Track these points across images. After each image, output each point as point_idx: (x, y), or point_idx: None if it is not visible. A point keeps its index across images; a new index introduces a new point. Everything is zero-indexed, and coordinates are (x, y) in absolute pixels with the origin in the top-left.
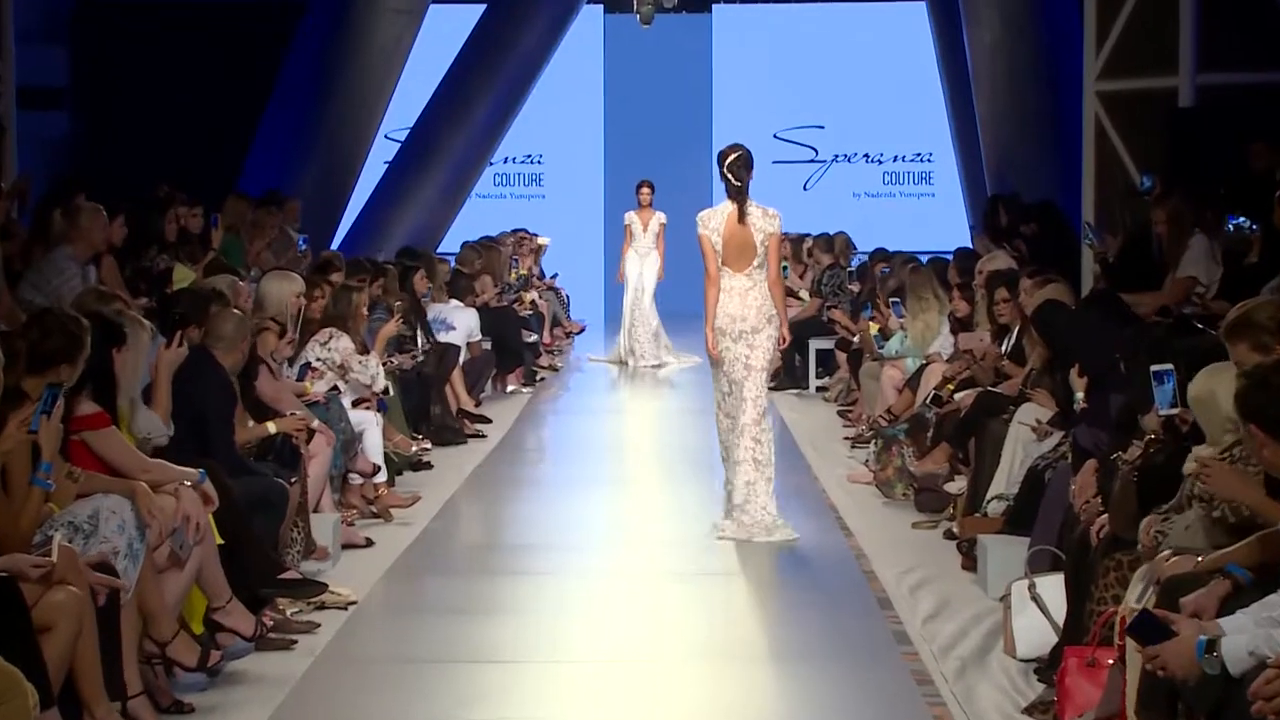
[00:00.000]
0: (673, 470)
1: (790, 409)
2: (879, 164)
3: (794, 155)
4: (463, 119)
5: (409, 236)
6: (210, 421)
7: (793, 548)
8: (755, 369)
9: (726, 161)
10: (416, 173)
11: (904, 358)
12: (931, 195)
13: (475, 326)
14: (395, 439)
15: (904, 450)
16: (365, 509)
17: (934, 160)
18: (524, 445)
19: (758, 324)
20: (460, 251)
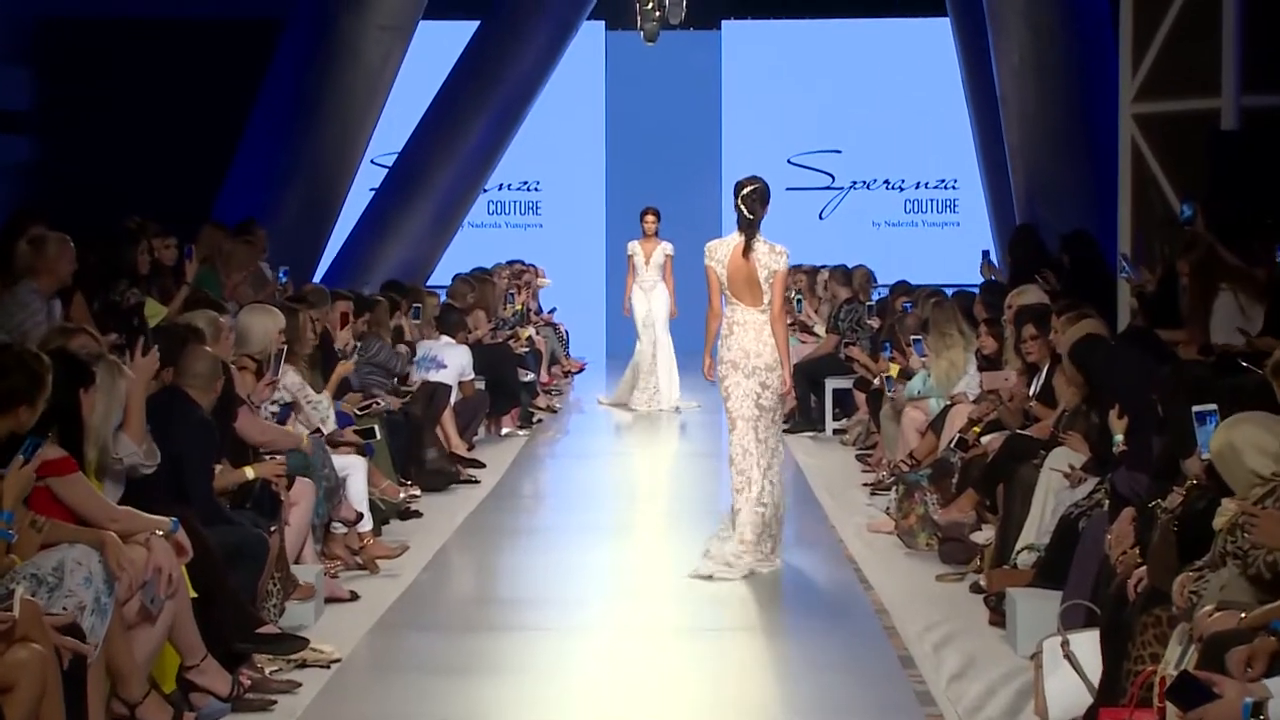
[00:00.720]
0: (680, 518)
1: (806, 453)
2: (900, 191)
3: (809, 181)
4: (455, 143)
5: (397, 268)
6: (187, 465)
7: (810, 604)
8: (766, 409)
9: (742, 193)
10: (405, 200)
11: (927, 398)
12: (956, 225)
13: (468, 365)
14: (382, 485)
15: (927, 497)
16: (349, 560)
17: (959, 187)
18: (520, 491)
19: (772, 362)
20: (452, 284)
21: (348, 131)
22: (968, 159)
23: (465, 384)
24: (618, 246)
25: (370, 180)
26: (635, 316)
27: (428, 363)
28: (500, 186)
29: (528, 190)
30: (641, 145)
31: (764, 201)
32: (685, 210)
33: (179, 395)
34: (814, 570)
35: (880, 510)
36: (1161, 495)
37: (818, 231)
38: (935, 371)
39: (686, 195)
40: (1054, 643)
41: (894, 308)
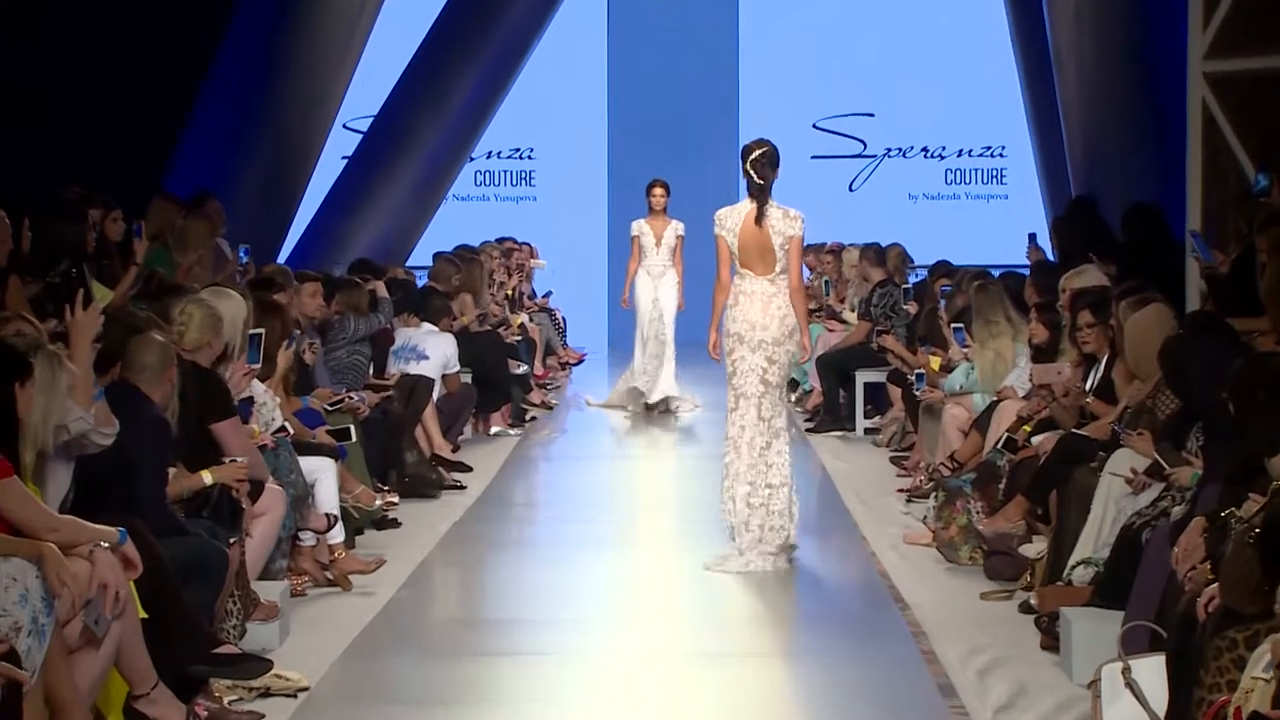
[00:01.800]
0: (691, 529)
1: (833, 455)
2: (940, 159)
3: (837, 149)
4: (438, 105)
5: (372, 246)
6: (138, 469)
7: (838, 626)
8: (772, 385)
9: (750, 157)
10: (381, 170)
11: (970, 394)
12: (1004, 197)
13: (452, 355)
14: (355, 490)
15: (970, 505)
16: (319, 575)
17: (1007, 155)
18: (511, 498)
19: (780, 335)
20: (434, 265)
21: (317, 91)
22: (1017, 123)
23: (450, 377)
24: (620, 222)
25: (342, 147)
26: (638, 308)
27: (407, 353)
28: (489, 154)
29: (520, 158)
30: (648, 108)
31: (774, 165)
32: (697, 183)
33: (128, 390)
34: (842, 587)
35: (917, 520)
36: (1236, 502)
37: (847, 205)
38: (980, 364)
39: (698, 166)
40: (1114, 669)
41: (933, 291)
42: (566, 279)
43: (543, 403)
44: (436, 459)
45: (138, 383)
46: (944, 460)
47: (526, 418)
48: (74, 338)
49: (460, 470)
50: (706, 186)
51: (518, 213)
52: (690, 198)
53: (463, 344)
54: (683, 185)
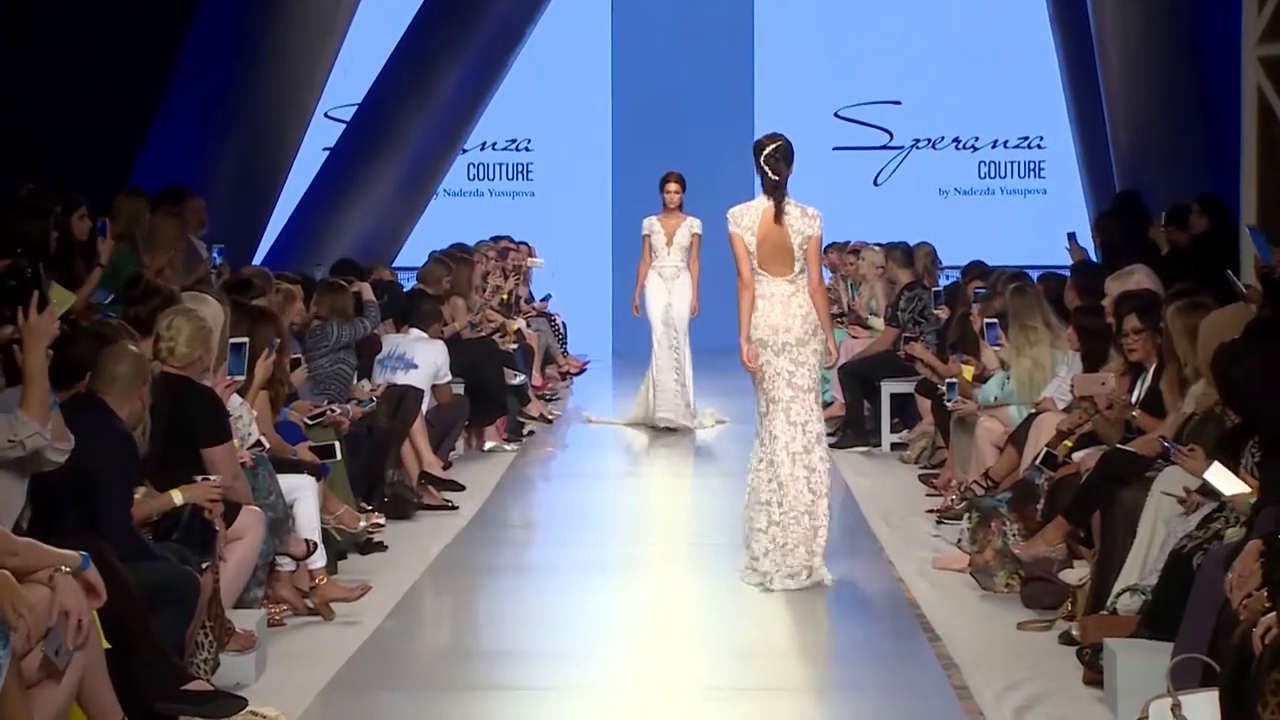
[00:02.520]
0: (705, 553)
1: (857, 472)
2: (973, 151)
3: (861, 139)
4: (426, 92)
5: (356, 246)
6: (102, 487)
7: (863, 658)
8: (802, 389)
9: (764, 153)
10: (366, 163)
11: (1006, 405)
12: (1042, 193)
13: (443, 364)
14: (338, 511)
15: (1006, 527)
16: (298, 603)
17: (1046, 147)
18: (507, 519)
19: (803, 335)
20: (424, 266)
21: (296, 78)
22: (1056, 112)
23: (440, 388)
24: (626, 219)
25: (324, 138)
26: (651, 314)
27: (394, 361)
28: (483, 146)
29: (517, 150)
30: (656, 95)
31: (789, 160)
32: (708, 177)
33: (93, 403)
34: (867, 616)
35: (949, 543)
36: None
37: (871, 200)
38: (1016, 373)
39: (710, 158)
40: (1163, 705)
41: (965, 295)
42: (567, 281)
43: (541, 416)
44: (426, 477)
45: (105, 396)
46: (977, 478)
47: (523, 432)
48: (27, 344)
49: (452, 489)
50: (719, 180)
51: (514, 209)
52: (701, 192)
53: (454, 352)
54: (693, 179)
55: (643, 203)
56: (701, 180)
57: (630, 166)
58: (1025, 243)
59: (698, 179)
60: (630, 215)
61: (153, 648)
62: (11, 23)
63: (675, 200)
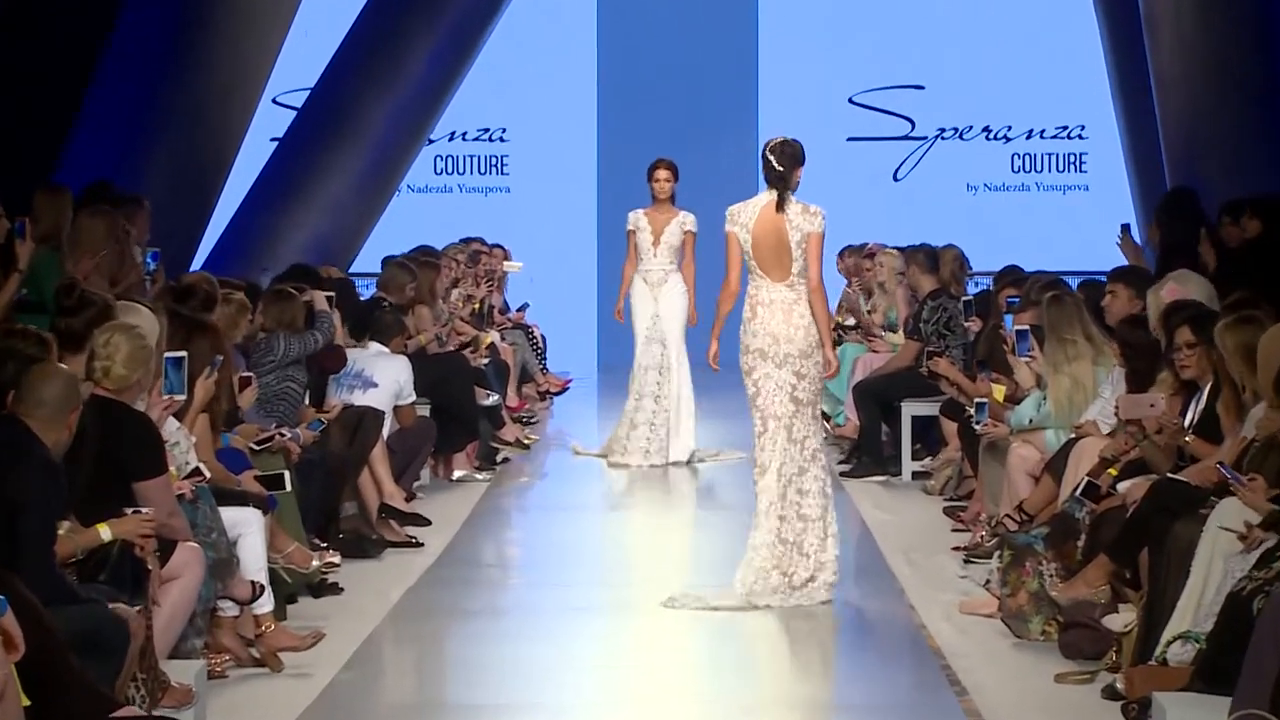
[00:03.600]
0: None
1: (875, 505)
2: (1005, 142)
3: (879, 129)
4: (388, 75)
5: (309, 249)
6: (22, 522)
7: (881, 715)
8: (803, 403)
9: (770, 145)
10: (320, 155)
11: (1042, 429)
12: (1084, 189)
13: (407, 382)
14: (287, 549)
15: (1043, 567)
16: (242, 653)
17: (1088, 137)
18: (478, 558)
19: (806, 347)
20: (384, 271)
21: (242, 59)
22: (1099, 98)
23: (403, 409)
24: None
25: (272, 126)
26: (635, 324)
27: (351, 379)
28: (452, 136)
29: (490, 141)
30: (647, 79)
31: (797, 161)
32: (706, 171)
33: (14, 427)
34: (885, 667)
35: (977, 585)
36: None
37: (891, 198)
38: (1054, 392)
39: (708, 149)
40: None
41: (997, 305)
42: (547, 288)
43: (517, 441)
44: (387, 510)
45: (29, 420)
46: (1010, 511)
47: (497, 459)
48: None
49: (416, 523)
50: (718, 174)
51: (487, 207)
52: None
53: (419, 368)
54: (689, 173)
55: (632, 200)
56: (699, 175)
57: (618, 159)
58: (1064, 245)
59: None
60: (618, 214)
61: (82, 702)
62: None
63: (665, 191)
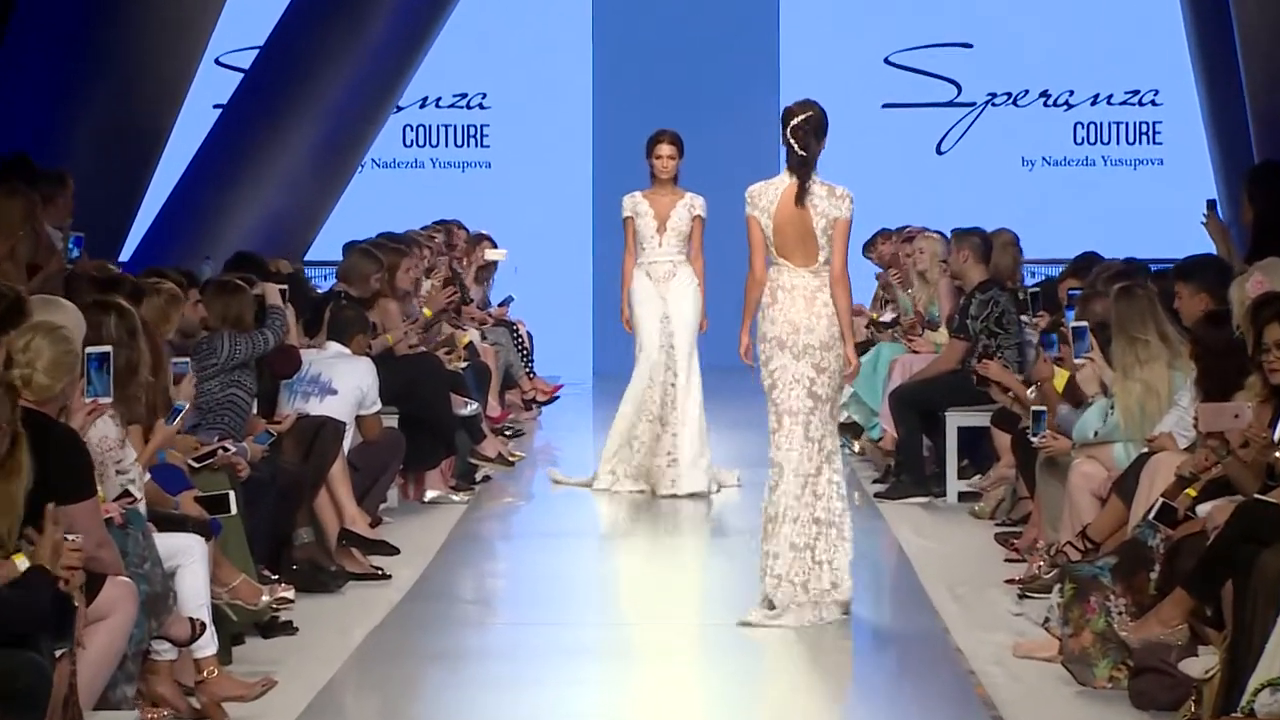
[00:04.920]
0: (708, 636)
1: (914, 530)
2: (1066, 109)
3: (920, 94)
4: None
5: (259, 234)
6: None
7: None
8: (822, 399)
9: (792, 123)
10: (271, 124)
11: (1109, 443)
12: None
13: (370, 388)
14: (233, 582)
15: (1110, 602)
16: (180, 703)
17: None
18: (454, 592)
19: (828, 339)
20: (345, 259)
21: (180, 14)
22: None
23: (368, 419)
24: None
25: (215, 92)
26: (641, 332)
27: (306, 385)
28: (423, 103)
29: (468, 108)
30: (650, 37)
31: (820, 135)
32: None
33: None
34: (930, 712)
35: (1034, 623)
36: None
37: (934, 173)
38: (1123, 400)
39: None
40: None
41: (1059, 298)
42: (534, 279)
43: (500, 456)
44: (348, 536)
45: None
46: (1072, 538)
47: (477, 478)
48: None
49: (382, 552)
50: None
51: (465, 185)
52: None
53: (386, 372)
54: (699, 148)
55: (633, 177)
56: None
57: (617, 130)
58: (1136, 228)
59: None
60: (617, 193)
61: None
62: None
63: (668, 169)
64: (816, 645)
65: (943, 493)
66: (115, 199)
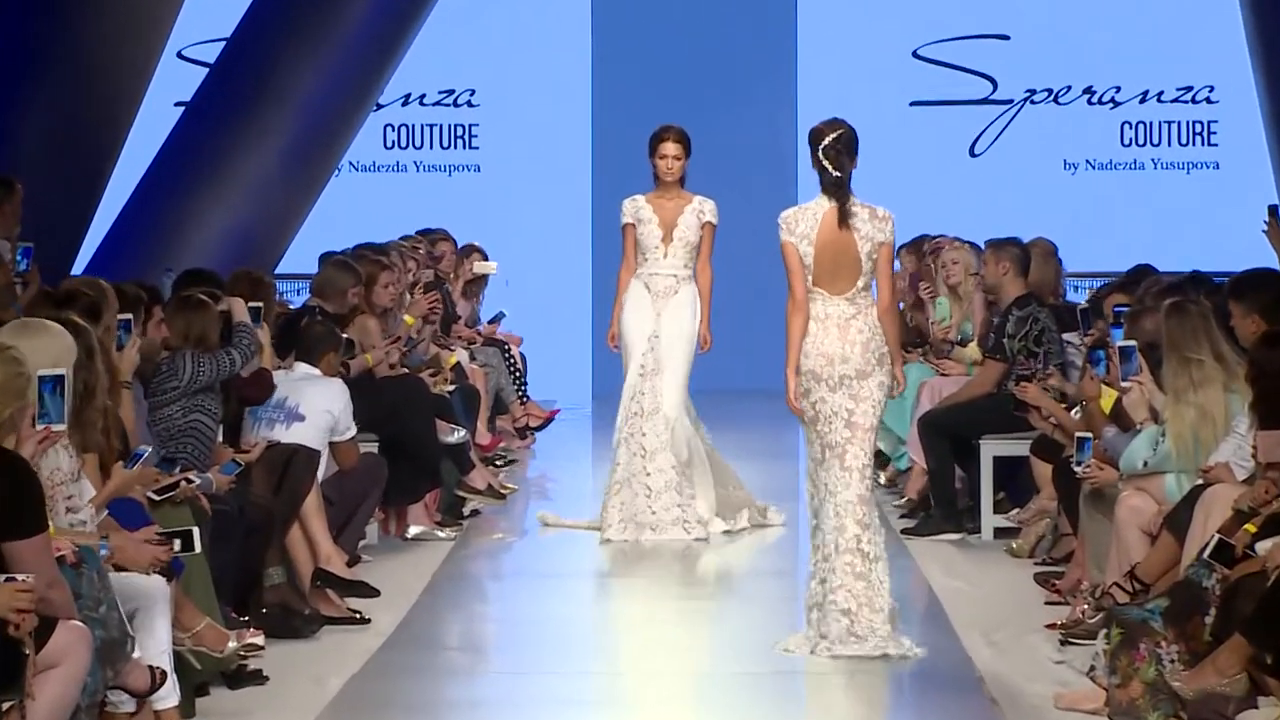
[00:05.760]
0: (722, 687)
1: (945, 570)
2: (1113, 107)
3: (951, 90)
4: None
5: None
6: None
7: None
8: (861, 428)
9: (822, 143)
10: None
11: (1160, 473)
12: (1213, 166)
13: (343, 413)
14: (196, 627)
15: (1162, 649)
16: None
17: (1218, 100)
18: (439, 639)
19: (864, 366)
20: (321, 272)
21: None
22: (1234, 54)
23: (343, 447)
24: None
25: (177, 88)
26: (627, 347)
27: (271, 411)
28: (406, 100)
29: (455, 106)
30: (655, 29)
31: (852, 153)
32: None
33: None
34: None
35: (1078, 672)
36: None
37: (967, 178)
38: (1175, 426)
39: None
40: None
41: (1105, 314)
42: (528, 293)
43: (489, 489)
44: (323, 576)
45: None
46: (1120, 579)
47: (464, 512)
48: None
49: (360, 594)
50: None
51: (452, 190)
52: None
53: (364, 396)
54: (709, 149)
55: (635, 181)
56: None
57: (618, 129)
58: (1189, 238)
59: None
60: (617, 198)
61: None
62: None
63: (674, 171)
64: (834, 696)
65: (977, 529)
66: (68, 206)
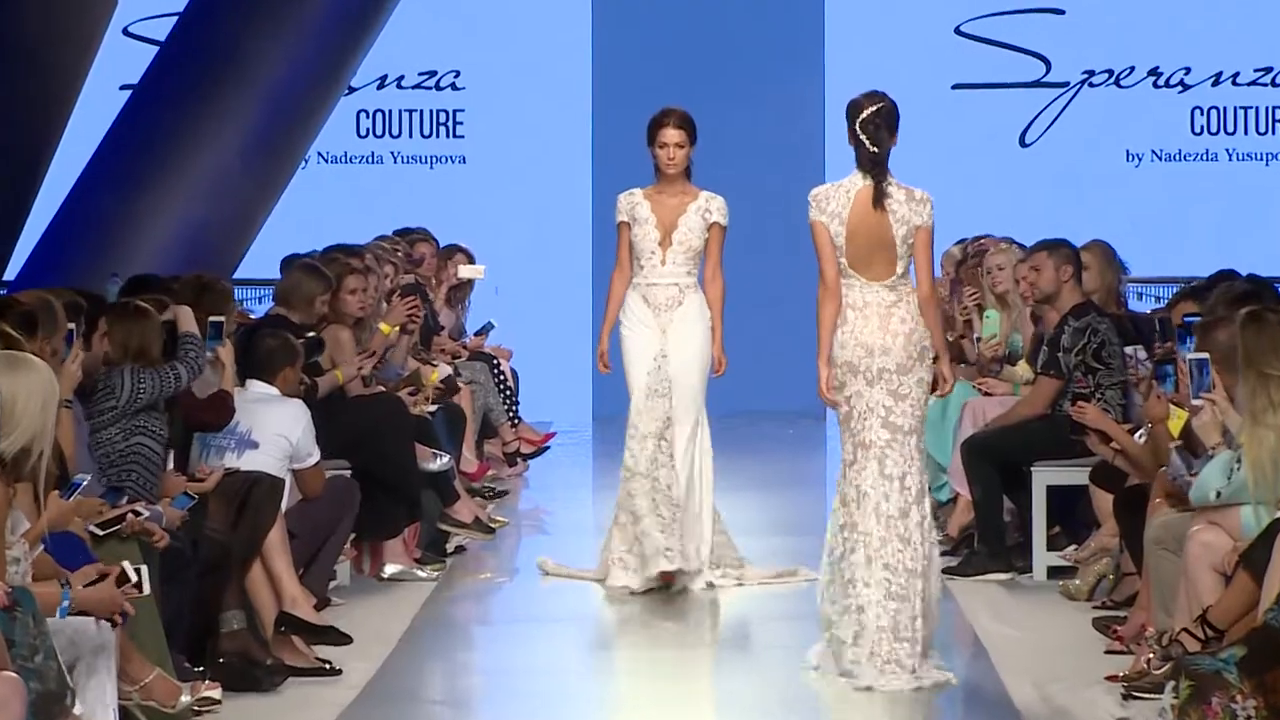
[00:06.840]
0: None
1: (993, 614)
2: (1181, 91)
3: (1000, 72)
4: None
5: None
6: None
7: None
8: (902, 431)
9: (861, 116)
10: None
11: (1235, 504)
12: None
13: (302, 436)
14: (146, 678)
15: (1238, 704)
16: None
17: None
18: (420, 691)
19: (906, 360)
20: (285, 277)
21: None
22: None
23: (306, 474)
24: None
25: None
26: (629, 372)
27: (221, 437)
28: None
29: (438, 90)
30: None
31: (893, 128)
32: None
33: None
34: None
35: None
36: None
37: (1016, 170)
38: (1252, 453)
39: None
40: None
41: (1171, 326)
42: (520, 302)
43: (476, 522)
44: (288, 621)
45: None
46: (1190, 624)
47: (448, 548)
48: None
49: (330, 641)
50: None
51: (435, 185)
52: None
53: (334, 418)
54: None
55: (639, 175)
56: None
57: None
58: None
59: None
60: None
61: None
62: None
63: (676, 161)
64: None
65: (1028, 568)
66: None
